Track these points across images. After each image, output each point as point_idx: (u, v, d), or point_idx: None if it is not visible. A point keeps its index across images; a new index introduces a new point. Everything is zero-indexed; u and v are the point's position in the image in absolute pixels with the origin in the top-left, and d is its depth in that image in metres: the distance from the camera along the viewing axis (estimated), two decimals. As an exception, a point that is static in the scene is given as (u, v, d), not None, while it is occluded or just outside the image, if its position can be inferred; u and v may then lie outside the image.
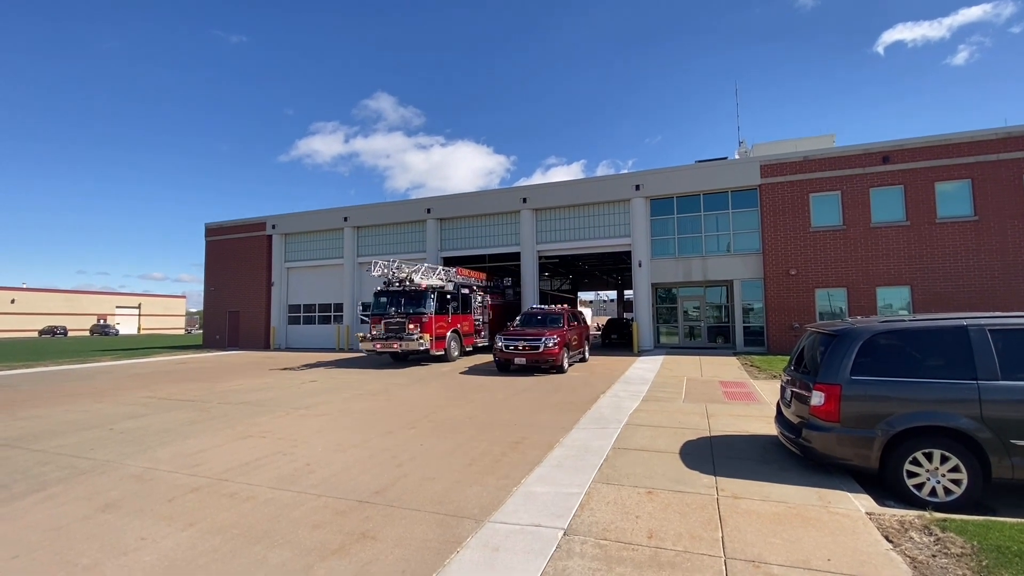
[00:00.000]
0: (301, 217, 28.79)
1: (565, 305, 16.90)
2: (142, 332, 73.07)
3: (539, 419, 7.97)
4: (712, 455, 5.71)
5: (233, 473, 5.44)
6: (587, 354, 16.50)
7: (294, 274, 29.16)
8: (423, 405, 9.38)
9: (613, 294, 65.72)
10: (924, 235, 17.14)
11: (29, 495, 4.89)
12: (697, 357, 17.05)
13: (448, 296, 17.31)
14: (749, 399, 9.31)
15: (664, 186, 20.98)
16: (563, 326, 14.13)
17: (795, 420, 5.27)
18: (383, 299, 16.74)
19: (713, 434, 6.69)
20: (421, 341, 15.28)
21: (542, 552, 3.47)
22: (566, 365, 13.44)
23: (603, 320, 39.38)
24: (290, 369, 16.25)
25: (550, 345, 12.84)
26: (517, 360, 13.01)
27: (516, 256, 24.29)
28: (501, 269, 32.87)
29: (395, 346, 15.44)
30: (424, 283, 16.58)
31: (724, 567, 3.24)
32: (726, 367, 14.24)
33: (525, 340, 13.08)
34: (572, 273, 42.82)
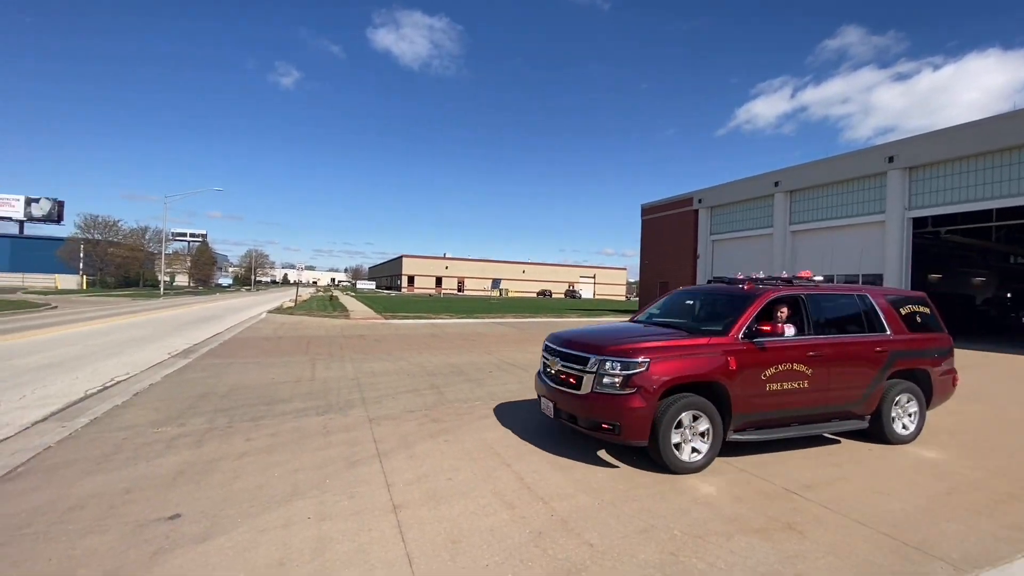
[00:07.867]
0: (727, 188, 28.46)
1: (807, 273, 5.96)
2: (596, 297, 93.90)
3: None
4: None
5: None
6: (918, 424, 5.65)
7: (719, 246, 29.28)
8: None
9: None
10: None
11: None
12: None
13: None
14: None
15: None
16: (741, 319, 4.89)
17: None
18: None
19: None
20: None
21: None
22: (683, 457, 4.45)
23: None
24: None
25: (610, 381, 4.46)
26: (545, 403, 5.21)
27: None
28: None
29: None
30: None
31: None
32: None
33: (563, 357, 5.07)
34: None
